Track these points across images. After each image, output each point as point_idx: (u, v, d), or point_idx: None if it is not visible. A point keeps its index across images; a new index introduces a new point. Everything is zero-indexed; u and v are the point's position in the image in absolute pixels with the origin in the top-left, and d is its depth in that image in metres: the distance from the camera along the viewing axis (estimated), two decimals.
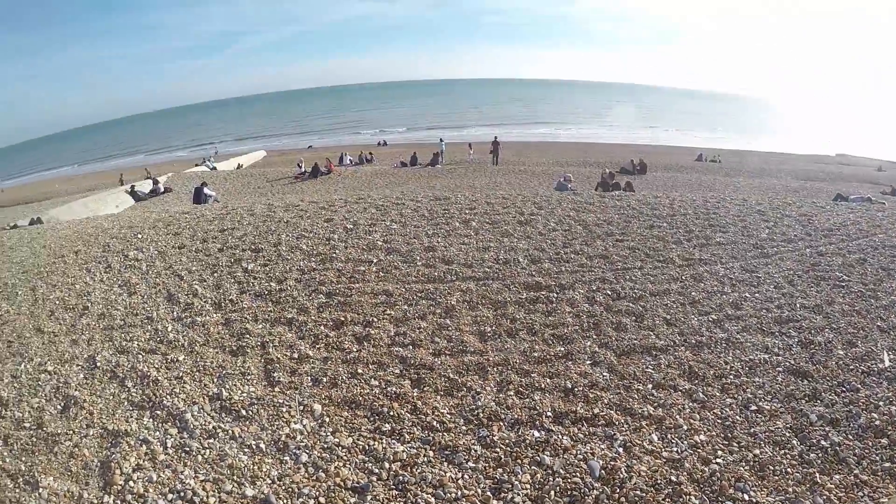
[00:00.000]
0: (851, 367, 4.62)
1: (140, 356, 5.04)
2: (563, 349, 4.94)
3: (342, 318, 5.60)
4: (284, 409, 4.16)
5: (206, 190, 20.05)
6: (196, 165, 39.59)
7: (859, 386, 4.35)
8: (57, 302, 6.70)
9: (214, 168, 36.90)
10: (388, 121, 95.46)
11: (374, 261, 7.19)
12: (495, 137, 33.07)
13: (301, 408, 4.18)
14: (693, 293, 6.15)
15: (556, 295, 6.07)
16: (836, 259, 7.45)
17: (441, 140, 35.35)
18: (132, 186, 24.79)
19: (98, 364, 4.94)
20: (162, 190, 24.73)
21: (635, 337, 5.12)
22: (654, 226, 8.91)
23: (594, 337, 5.15)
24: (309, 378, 4.58)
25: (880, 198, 18.55)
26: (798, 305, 5.86)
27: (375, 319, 5.55)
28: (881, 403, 4.10)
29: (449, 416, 4.05)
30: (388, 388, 4.40)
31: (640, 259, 7.27)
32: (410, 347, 5.00)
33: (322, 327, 5.44)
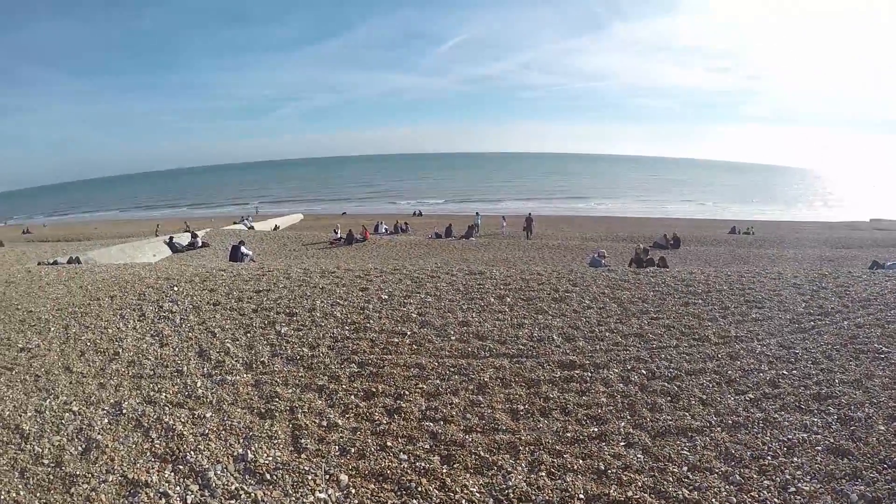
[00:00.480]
0: (893, 442, 4.51)
1: (167, 408, 5.18)
2: (596, 430, 4.92)
3: (373, 389, 5.67)
4: (310, 477, 4.19)
5: (243, 248, 20.44)
6: (234, 223, 41.12)
7: None
8: (88, 343, 6.96)
9: (252, 227, 38.13)
10: (423, 191, 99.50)
11: (408, 333, 7.23)
12: (529, 213, 34.27)
13: (327, 477, 4.21)
14: (729, 372, 6.08)
15: (590, 374, 6.06)
16: (874, 330, 7.31)
17: (477, 213, 36.62)
18: (170, 238, 25.42)
19: (124, 411, 5.09)
20: (199, 244, 25.31)
21: (670, 417, 5.07)
22: (690, 303, 8.84)
23: (628, 417, 5.11)
24: (337, 447, 4.62)
25: None
26: (837, 381, 5.76)
27: (407, 392, 5.61)
28: None
29: (478, 495, 4.05)
30: (417, 463, 4.41)
31: (675, 337, 7.22)
32: (441, 423, 5.02)
33: (353, 397, 5.52)
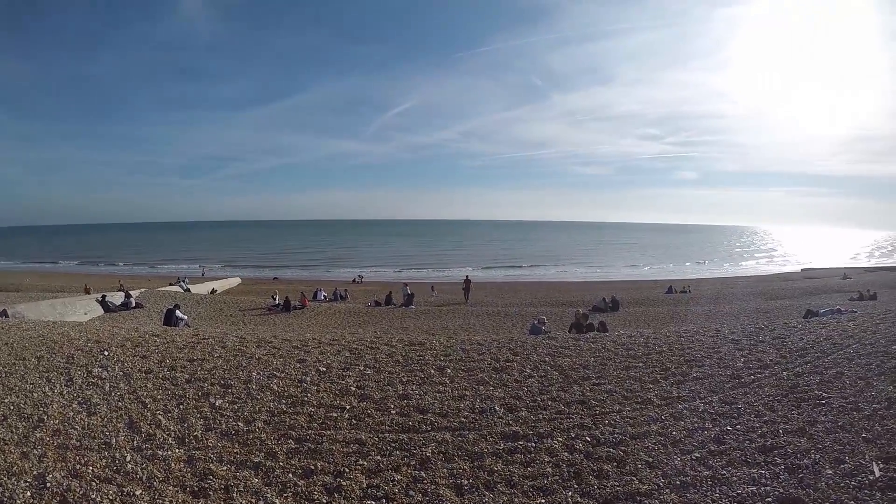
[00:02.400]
0: (842, 484, 4.80)
1: (94, 483, 4.98)
2: (543, 501, 4.98)
3: (312, 467, 5.59)
4: None
5: (178, 312, 20.58)
6: (170, 284, 41.66)
7: (853, 502, 4.52)
8: (11, 407, 6.72)
9: (188, 289, 38.32)
10: (364, 258, 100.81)
11: (347, 407, 7.29)
12: (466, 276, 36.78)
13: None
14: (674, 432, 6.34)
15: (534, 444, 6.17)
16: (813, 378, 7.89)
17: (405, 285, 37.47)
18: (103, 296, 25.38)
19: (48, 484, 4.88)
20: (133, 304, 25.35)
21: (618, 483, 5.21)
22: (630, 366, 9.24)
23: (575, 486, 5.21)
24: None
25: (850, 306, 19.52)
26: (781, 431, 6.12)
27: (347, 469, 5.54)
28: None
29: None
30: None
31: (618, 402, 7.50)
32: (383, 501, 4.98)
33: (290, 475, 5.42)
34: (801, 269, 72.27)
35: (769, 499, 4.71)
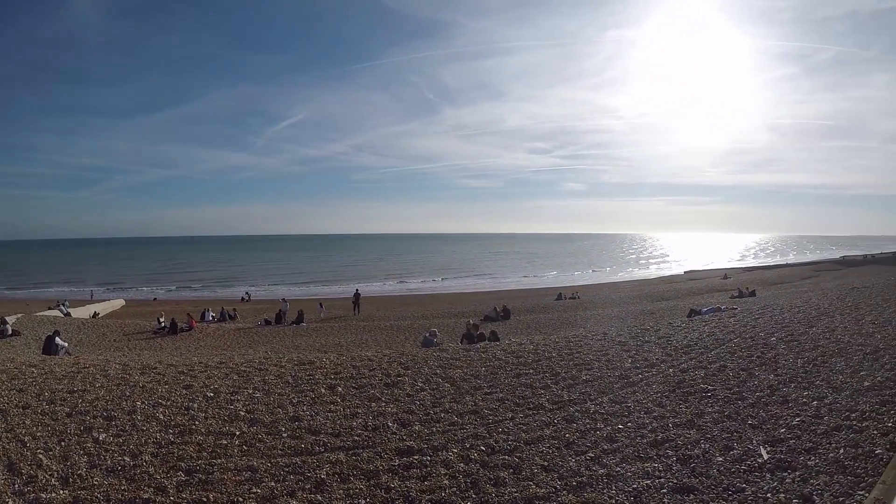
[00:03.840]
0: (733, 469, 5.18)
1: None
2: None
3: (204, 499, 5.36)
4: None
5: (58, 339, 19.71)
6: (49, 308, 39.23)
7: (744, 485, 4.87)
8: None
9: (69, 314, 36.75)
10: (254, 275, 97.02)
11: (237, 433, 7.12)
12: (356, 291, 38.66)
13: None
14: (567, 435, 6.56)
15: (429, 458, 6.19)
16: (698, 373, 8.50)
17: (283, 299, 37.51)
18: None
19: None
20: (9, 332, 24.06)
21: (515, 490, 5.30)
22: (521, 374, 9.52)
23: (473, 496, 5.26)
24: None
25: (731, 303, 21.08)
26: (670, 425, 6.52)
27: (240, 499, 5.35)
28: (769, 495, 4.63)
29: None
30: None
31: (510, 409, 7.67)
32: None
33: None
34: (685, 272, 77.64)
35: (664, 490, 4.98)
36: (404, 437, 6.81)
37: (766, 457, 5.28)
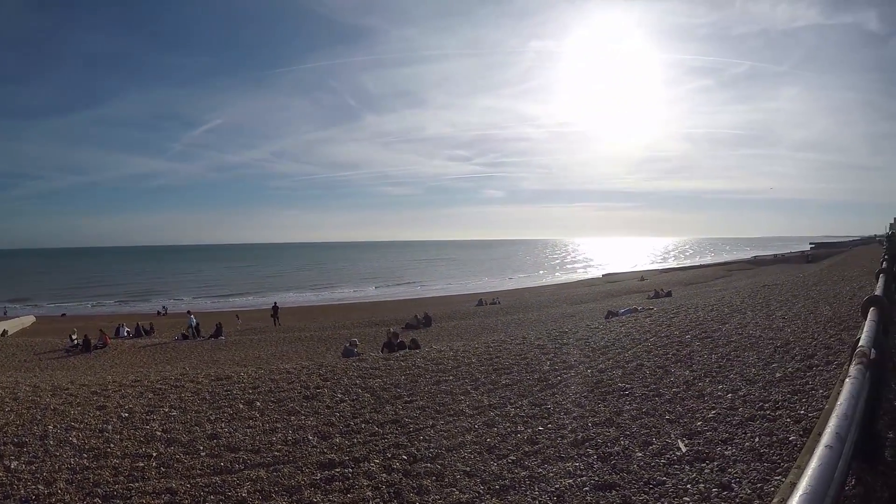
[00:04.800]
0: (652, 464, 5.35)
1: None
2: None
3: None
4: None
5: None
6: None
7: (665, 478, 5.03)
8: None
9: None
10: (170, 287, 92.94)
11: (154, 454, 6.95)
12: (275, 303, 39.41)
13: None
14: (488, 439, 6.64)
15: (351, 470, 6.17)
16: (616, 372, 8.81)
17: (189, 312, 37.44)
18: None
19: None
20: None
21: (439, 497, 5.33)
22: (441, 380, 9.64)
23: None
24: None
25: (647, 304, 21.92)
26: (590, 424, 6.70)
27: None
28: (689, 486, 4.79)
29: None
30: None
31: (431, 417, 7.74)
32: None
33: None
34: (603, 275, 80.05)
35: (586, 488, 5.09)
36: (325, 451, 6.77)
37: (684, 449, 5.46)
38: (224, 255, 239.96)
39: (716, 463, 5.10)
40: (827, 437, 1.90)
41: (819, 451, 1.79)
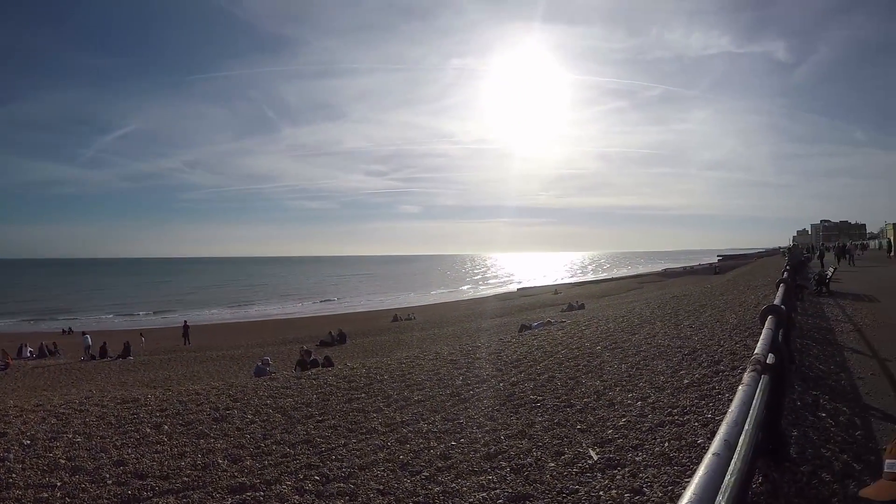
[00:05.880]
0: (565, 473, 5.43)
1: None
2: None
3: None
4: None
5: None
6: None
7: (577, 486, 5.12)
8: None
9: None
10: (76, 304, 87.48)
11: (59, 484, 6.61)
12: (185, 321, 39.25)
13: None
14: (401, 456, 6.61)
15: (262, 493, 6.02)
16: (528, 385, 9.00)
17: (84, 333, 36.44)
18: None
19: None
20: None
21: None
22: (353, 398, 9.58)
23: None
24: None
25: (561, 317, 22.45)
26: (502, 437, 6.77)
27: None
28: (601, 493, 4.89)
29: None
30: None
31: (343, 436, 7.66)
32: None
33: None
34: (518, 289, 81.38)
35: (500, 501, 5.13)
36: (235, 474, 6.58)
37: (596, 458, 5.58)
38: (134, 270, 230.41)
39: (627, 469, 5.23)
40: (715, 444, 1.96)
41: (706, 460, 1.84)
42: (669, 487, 4.70)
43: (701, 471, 1.74)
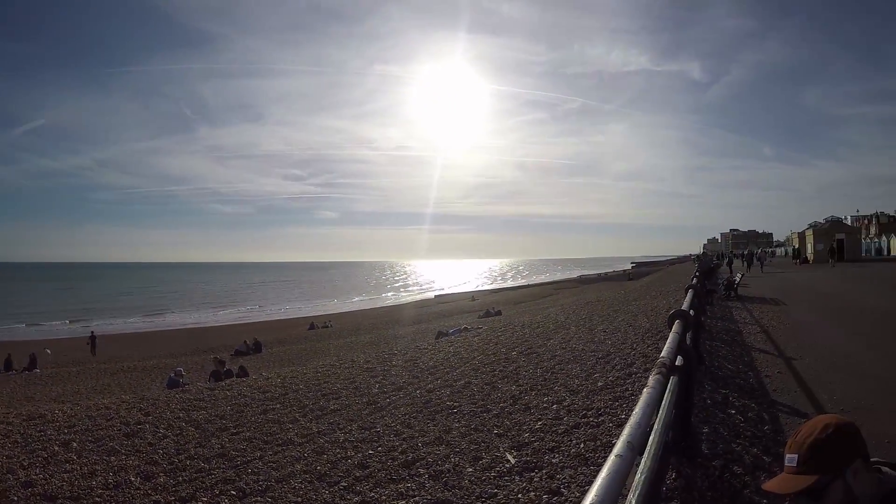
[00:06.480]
0: (483, 477, 5.49)
1: None
2: None
3: None
4: None
5: None
6: None
7: (496, 490, 5.19)
8: None
9: None
10: None
11: None
12: (91, 332, 37.15)
13: None
14: (318, 467, 6.53)
15: None
16: (444, 391, 9.08)
17: None
18: None
19: None
20: None
21: None
22: (268, 409, 9.41)
23: None
24: None
25: (477, 323, 22.72)
26: (420, 444, 6.80)
27: None
28: (519, 495, 4.96)
29: None
30: None
31: (259, 448, 7.51)
32: None
33: None
34: (435, 296, 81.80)
35: None
36: (149, 492, 6.38)
37: (513, 461, 5.67)
38: (41, 275, 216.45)
39: (545, 471, 5.34)
40: (617, 446, 2.00)
41: (609, 461, 1.88)
42: (586, 487, 4.79)
43: (603, 472, 1.78)
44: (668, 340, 4.57)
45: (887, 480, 1.83)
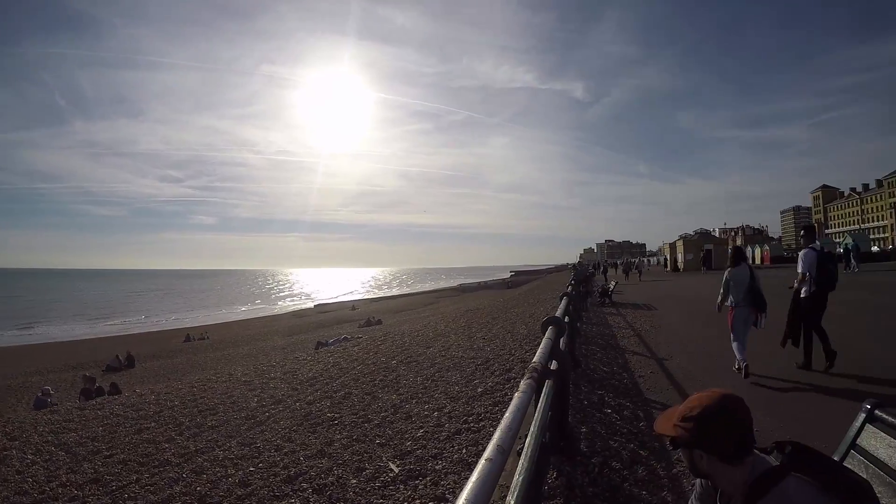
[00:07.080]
0: (368, 488, 5.50)
1: None
2: None
3: None
4: None
5: None
6: None
7: (381, 500, 5.19)
8: None
9: None
10: None
11: None
12: None
13: None
14: (198, 488, 6.36)
15: None
16: (325, 403, 9.07)
17: None
18: None
19: None
20: None
21: None
22: (143, 428, 9.11)
23: None
24: None
25: (357, 332, 22.71)
26: (302, 458, 6.73)
27: None
28: None
29: None
30: None
31: (134, 471, 7.24)
32: None
33: None
34: (315, 305, 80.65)
35: None
36: None
37: (396, 470, 5.73)
38: None
39: (429, 478, 5.42)
40: (488, 450, 2.04)
41: (479, 466, 1.91)
42: None
43: (473, 476, 1.82)
44: (541, 346, 4.76)
45: (758, 465, 2.08)
